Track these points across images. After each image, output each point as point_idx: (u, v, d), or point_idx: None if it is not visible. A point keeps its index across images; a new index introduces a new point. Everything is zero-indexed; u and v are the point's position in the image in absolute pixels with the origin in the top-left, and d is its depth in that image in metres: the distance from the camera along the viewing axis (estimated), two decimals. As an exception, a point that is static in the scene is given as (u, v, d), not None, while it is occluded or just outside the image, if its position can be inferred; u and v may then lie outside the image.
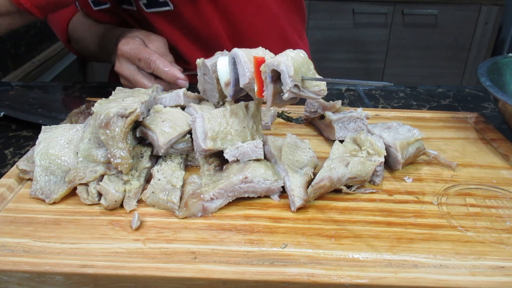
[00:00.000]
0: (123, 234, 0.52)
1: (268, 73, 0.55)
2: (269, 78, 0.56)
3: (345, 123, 0.71)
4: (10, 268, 0.47)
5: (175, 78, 0.78)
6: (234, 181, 0.56)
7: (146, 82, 0.80)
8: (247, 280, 0.46)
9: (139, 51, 0.79)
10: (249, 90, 0.61)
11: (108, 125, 0.56)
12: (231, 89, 0.64)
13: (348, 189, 0.59)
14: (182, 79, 0.78)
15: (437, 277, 0.46)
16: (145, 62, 0.79)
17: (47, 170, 0.59)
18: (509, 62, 0.80)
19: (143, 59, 0.79)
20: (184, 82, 0.78)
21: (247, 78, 0.59)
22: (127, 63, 0.81)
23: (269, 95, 0.57)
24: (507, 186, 0.62)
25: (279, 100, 0.58)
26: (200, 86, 0.72)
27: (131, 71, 0.81)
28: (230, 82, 0.64)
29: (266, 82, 0.56)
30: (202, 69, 0.69)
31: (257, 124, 0.62)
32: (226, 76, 0.64)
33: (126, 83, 0.84)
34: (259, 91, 0.58)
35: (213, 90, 0.69)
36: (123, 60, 0.82)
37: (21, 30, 1.44)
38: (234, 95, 0.65)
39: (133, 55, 0.80)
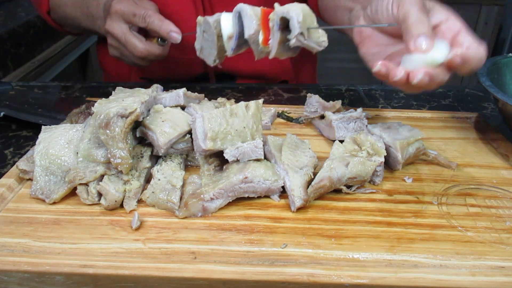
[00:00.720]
0: (123, 234, 0.52)
1: (277, 21, 0.59)
2: (277, 26, 0.60)
3: (345, 123, 0.71)
4: (10, 268, 0.47)
5: (169, 31, 0.78)
6: (234, 181, 0.56)
7: (137, 42, 0.80)
8: (247, 280, 0.46)
9: (134, 8, 0.80)
10: (252, 42, 0.64)
11: (108, 125, 0.56)
12: (234, 42, 0.67)
13: (348, 189, 0.59)
14: (176, 32, 0.78)
15: (437, 277, 0.46)
16: (140, 17, 0.79)
17: (47, 170, 0.59)
18: (509, 62, 0.80)
19: (139, 14, 0.79)
20: (177, 36, 0.78)
21: (253, 29, 0.62)
22: (120, 22, 0.81)
23: (275, 43, 0.61)
24: (507, 186, 0.62)
25: (282, 50, 0.62)
26: (198, 44, 0.73)
27: (122, 29, 0.81)
28: (233, 35, 0.66)
29: (273, 30, 0.60)
30: (202, 26, 0.71)
31: (257, 124, 0.62)
32: (229, 30, 0.67)
33: (115, 44, 0.83)
34: (265, 39, 0.62)
35: (212, 47, 0.70)
36: (115, 17, 0.81)
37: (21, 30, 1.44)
38: (235, 49, 0.68)
39: (127, 11, 0.79)
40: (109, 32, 0.82)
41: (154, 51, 0.82)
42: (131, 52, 0.81)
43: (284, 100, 0.93)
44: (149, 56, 0.82)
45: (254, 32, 0.62)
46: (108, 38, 0.84)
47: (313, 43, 0.61)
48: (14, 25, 1.42)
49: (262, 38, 0.62)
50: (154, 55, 0.82)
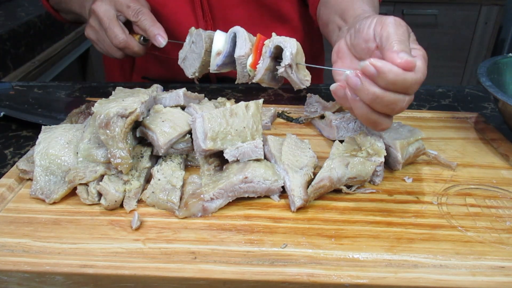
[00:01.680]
0: (123, 234, 0.52)
1: (271, 48, 0.62)
2: (269, 53, 0.63)
3: (345, 123, 0.71)
4: (10, 268, 0.47)
5: (156, 33, 0.78)
6: (234, 181, 0.56)
7: (119, 32, 0.79)
8: (247, 280, 0.46)
9: (130, 0, 0.80)
10: (238, 64, 0.68)
11: (108, 125, 0.56)
12: (221, 59, 0.69)
13: (348, 189, 0.59)
14: (162, 37, 0.79)
15: (437, 277, 0.46)
16: (134, 11, 0.79)
17: (47, 170, 0.59)
18: (509, 62, 0.80)
19: (133, 7, 0.79)
20: (162, 40, 0.79)
21: (244, 51, 0.66)
22: (109, 6, 0.80)
23: (262, 68, 0.64)
24: (507, 186, 0.62)
25: (267, 77, 0.66)
26: (182, 53, 0.75)
27: (109, 14, 0.80)
28: (222, 52, 0.69)
29: (265, 56, 0.64)
30: (193, 36, 0.72)
31: (257, 124, 0.62)
32: (220, 46, 0.69)
33: (96, 26, 0.82)
34: (254, 63, 0.66)
35: (196, 59, 0.72)
36: (107, 0, 0.80)
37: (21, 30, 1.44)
38: (220, 66, 0.70)
39: (123, 1, 0.79)
40: (95, 13, 0.81)
41: (133, 47, 0.81)
42: (110, 39, 0.80)
43: (284, 100, 0.93)
44: (126, 49, 0.81)
45: (244, 54, 0.66)
46: (91, 18, 0.83)
47: (297, 79, 0.65)
48: (14, 25, 1.42)
49: (251, 61, 0.66)
50: (132, 50, 0.82)
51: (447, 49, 2.62)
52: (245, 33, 0.66)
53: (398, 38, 0.54)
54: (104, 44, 0.84)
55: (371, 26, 0.58)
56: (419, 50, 0.57)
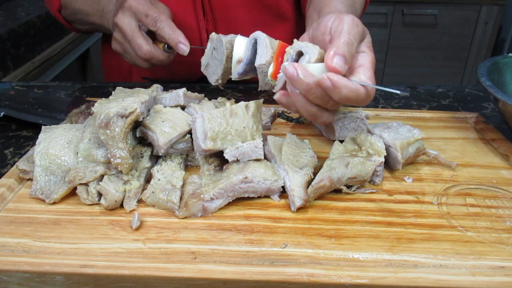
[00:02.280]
0: (123, 234, 0.52)
1: (292, 55, 0.58)
2: (291, 60, 0.59)
3: (345, 123, 0.71)
4: (10, 268, 0.47)
5: (177, 42, 0.77)
6: (234, 181, 0.56)
7: (143, 43, 0.79)
8: (247, 280, 0.46)
9: (148, 8, 0.79)
10: (259, 72, 0.63)
11: (108, 125, 0.56)
12: (242, 67, 0.65)
13: (348, 189, 0.59)
14: (184, 44, 0.78)
15: (437, 277, 0.46)
16: (152, 19, 0.78)
17: (47, 170, 0.59)
18: (509, 62, 0.80)
19: (152, 16, 0.78)
20: (185, 47, 0.78)
21: (265, 59, 0.61)
22: (130, 17, 0.80)
23: (283, 78, 0.59)
24: (507, 186, 0.62)
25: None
26: (205, 60, 0.71)
27: (132, 25, 0.80)
28: (243, 60, 0.65)
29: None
30: (214, 43, 0.69)
31: (257, 124, 0.62)
32: (240, 54, 0.66)
33: (120, 38, 0.82)
34: (275, 72, 0.61)
35: (218, 66, 0.69)
36: (127, 12, 0.80)
37: (21, 30, 1.44)
38: (241, 74, 0.66)
39: (142, 10, 0.78)
40: (118, 26, 0.81)
41: (158, 56, 0.81)
42: (135, 51, 0.80)
43: (284, 100, 0.92)
44: (152, 59, 0.81)
45: (265, 62, 0.61)
46: (115, 31, 0.83)
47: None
48: (14, 25, 1.42)
49: (272, 71, 0.61)
50: (158, 59, 0.81)
51: (447, 49, 2.62)
52: (267, 40, 0.62)
53: (346, 39, 0.56)
54: (130, 55, 0.84)
55: (330, 20, 0.60)
56: (367, 55, 0.60)
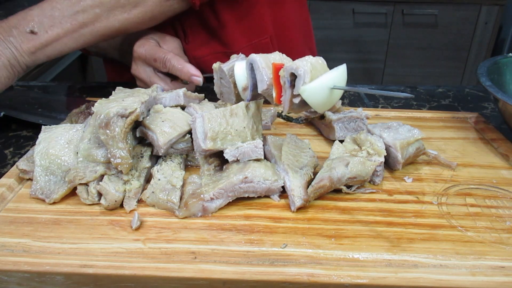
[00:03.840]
0: (123, 234, 0.52)
1: (287, 78, 0.54)
2: (288, 83, 0.55)
3: (345, 123, 0.71)
4: (10, 268, 0.47)
5: (190, 75, 0.79)
6: (234, 181, 0.56)
7: (163, 85, 0.81)
8: (247, 280, 0.46)
9: (155, 52, 0.80)
10: (267, 96, 0.61)
11: (108, 125, 0.56)
12: (249, 94, 0.64)
13: (348, 189, 0.59)
14: (196, 75, 0.79)
15: (437, 277, 0.46)
16: (161, 62, 0.80)
17: (47, 170, 0.59)
18: (509, 62, 0.80)
19: (159, 59, 0.80)
20: (199, 79, 0.79)
21: (265, 84, 0.58)
22: (144, 65, 0.82)
23: (287, 100, 0.56)
24: (507, 186, 0.62)
25: (296, 106, 0.56)
26: (217, 89, 0.71)
27: (147, 73, 0.82)
28: (248, 87, 0.64)
29: (285, 87, 0.55)
30: (218, 73, 0.69)
31: (257, 124, 0.62)
32: (243, 81, 0.64)
33: (143, 86, 0.84)
34: (278, 96, 0.57)
35: (230, 93, 0.68)
36: (139, 62, 0.82)
37: (21, 30, 1.44)
38: (251, 99, 0.65)
39: (149, 56, 0.80)
40: (136, 76, 0.84)
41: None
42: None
43: (284, 100, 0.92)
44: None
45: (267, 87, 0.59)
46: (136, 81, 0.86)
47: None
48: (14, 25, 1.41)
49: (275, 96, 0.58)
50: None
51: (447, 49, 2.62)
52: (262, 62, 0.59)
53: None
54: None
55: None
56: None
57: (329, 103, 0.55)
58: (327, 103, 0.55)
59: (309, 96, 0.53)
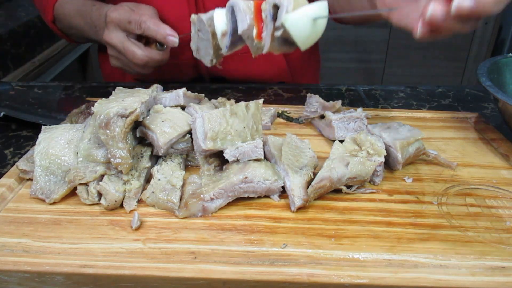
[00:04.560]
0: (123, 234, 0.52)
1: (269, 10, 0.54)
2: (270, 16, 0.55)
3: (345, 123, 0.71)
4: (10, 268, 0.47)
5: (166, 35, 0.77)
6: (234, 181, 0.56)
7: (136, 49, 0.79)
8: (247, 280, 0.46)
9: (129, 15, 0.79)
10: (246, 38, 0.60)
11: (108, 125, 0.56)
12: (228, 39, 0.63)
13: (348, 189, 0.59)
14: (172, 35, 0.77)
15: (437, 277, 0.46)
16: (136, 23, 0.78)
17: (47, 170, 0.59)
18: (509, 62, 0.80)
19: (134, 20, 0.78)
20: (175, 39, 0.77)
21: (246, 24, 0.58)
22: (116, 30, 0.80)
23: (268, 35, 0.55)
24: (507, 186, 0.62)
25: (276, 43, 0.57)
26: (194, 44, 0.70)
27: (120, 38, 0.80)
28: (227, 32, 0.63)
29: (266, 21, 0.55)
30: (197, 24, 0.68)
31: (257, 124, 0.62)
32: (223, 27, 0.63)
33: (115, 54, 0.83)
34: (259, 33, 0.57)
35: (208, 46, 0.67)
36: (112, 27, 0.80)
37: (21, 30, 1.44)
38: (230, 47, 0.64)
39: (123, 19, 0.78)
40: (108, 43, 0.82)
41: (154, 57, 0.80)
42: (131, 60, 0.80)
43: (284, 100, 0.93)
44: (150, 62, 0.81)
45: (247, 27, 0.58)
46: (108, 48, 0.84)
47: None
48: (14, 25, 1.42)
49: (256, 32, 0.58)
50: (155, 60, 0.81)
51: (447, 49, 2.62)
52: (242, 4, 0.58)
53: None
54: (130, 67, 0.84)
55: None
56: None
57: (312, 37, 0.55)
58: (310, 36, 0.54)
59: (291, 26, 0.52)
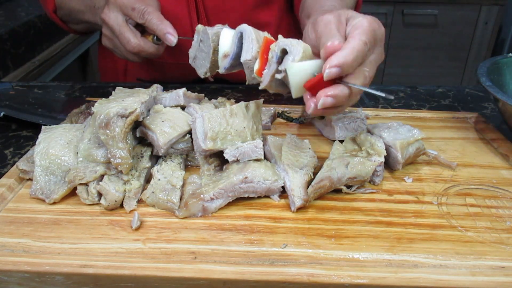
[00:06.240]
0: (123, 234, 0.52)
1: (277, 52, 0.56)
2: (276, 58, 0.56)
3: (345, 123, 0.71)
4: (10, 268, 0.47)
5: (166, 32, 0.76)
6: (234, 181, 0.56)
7: (131, 37, 0.78)
8: (247, 280, 0.46)
9: (135, 1, 0.78)
10: (245, 67, 0.61)
11: (108, 125, 0.56)
12: (228, 61, 0.64)
13: (348, 189, 0.59)
14: (172, 34, 0.76)
15: (437, 277, 0.46)
16: (140, 12, 0.77)
17: (47, 170, 0.59)
18: (509, 62, 0.80)
19: (138, 9, 0.77)
20: (173, 38, 0.77)
21: (250, 55, 0.59)
22: (117, 12, 0.79)
23: (269, 74, 0.57)
24: (507, 186, 0.62)
25: (274, 83, 0.58)
26: (192, 52, 0.70)
27: (118, 20, 0.79)
28: (229, 55, 0.63)
29: (271, 61, 0.57)
30: (200, 35, 0.68)
31: (257, 124, 0.62)
32: (227, 48, 0.64)
33: (109, 34, 0.82)
34: (260, 69, 0.59)
35: (205, 59, 0.68)
36: (113, 7, 0.79)
37: (21, 30, 1.44)
38: (228, 69, 0.65)
39: (128, 4, 0.78)
40: (105, 21, 0.80)
41: (148, 49, 0.80)
42: (124, 45, 0.79)
43: (284, 100, 0.93)
44: (142, 52, 0.80)
45: (251, 58, 0.59)
46: (103, 27, 0.82)
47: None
48: (14, 25, 1.42)
49: (258, 68, 0.59)
50: (147, 52, 0.80)
51: (447, 49, 2.62)
52: (253, 34, 0.60)
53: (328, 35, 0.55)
54: (120, 50, 0.83)
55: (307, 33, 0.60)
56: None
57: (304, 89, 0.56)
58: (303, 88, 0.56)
59: (293, 74, 0.54)
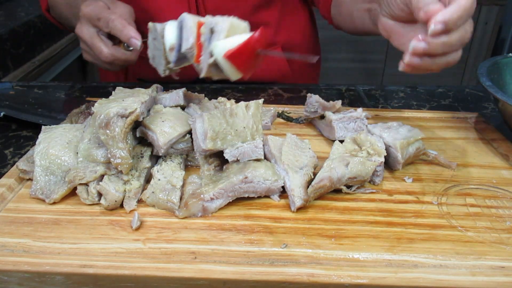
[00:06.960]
0: (123, 234, 0.52)
1: (208, 35, 0.52)
2: (208, 41, 0.53)
3: (345, 123, 0.71)
4: (10, 268, 0.47)
5: (129, 36, 0.76)
6: (234, 181, 0.56)
7: (103, 47, 0.79)
8: (247, 280, 0.46)
9: (100, 11, 0.78)
10: (190, 57, 0.59)
11: (108, 125, 0.56)
12: (175, 54, 0.61)
13: (348, 189, 0.59)
14: (135, 37, 0.76)
15: (437, 277, 0.46)
16: (104, 21, 0.78)
17: (47, 170, 0.59)
18: (509, 62, 0.79)
19: (103, 18, 0.78)
20: (137, 42, 0.76)
21: (190, 43, 0.56)
22: (87, 25, 0.80)
23: (205, 60, 0.53)
24: (507, 186, 0.62)
25: (214, 70, 0.55)
26: (150, 52, 0.69)
27: (90, 33, 0.80)
28: (175, 47, 0.61)
29: (205, 45, 0.53)
30: (152, 33, 0.66)
31: (257, 124, 0.62)
32: (172, 40, 0.61)
33: (85, 47, 0.83)
34: (197, 55, 0.55)
35: (161, 56, 0.66)
36: (84, 21, 0.80)
37: (21, 30, 1.44)
38: (176, 62, 0.63)
39: (94, 15, 0.78)
40: (79, 36, 0.82)
41: (120, 56, 0.80)
42: (98, 56, 0.81)
43: (284, 100, 0.93)
44: (116, 61, 0.81)
45: (191, 46, 0.56)
46: (80, 42, 0.84)
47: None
48: (14, 25, 1.42)
49: (195, 54, 0.55)
50: (120, 60, 0.81)
51: (447, 49, 2.61)
52: (190, 20, 0.55)
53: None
54: (99, 61, 0.84)
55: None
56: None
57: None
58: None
59: (219, 54, 0.51)
